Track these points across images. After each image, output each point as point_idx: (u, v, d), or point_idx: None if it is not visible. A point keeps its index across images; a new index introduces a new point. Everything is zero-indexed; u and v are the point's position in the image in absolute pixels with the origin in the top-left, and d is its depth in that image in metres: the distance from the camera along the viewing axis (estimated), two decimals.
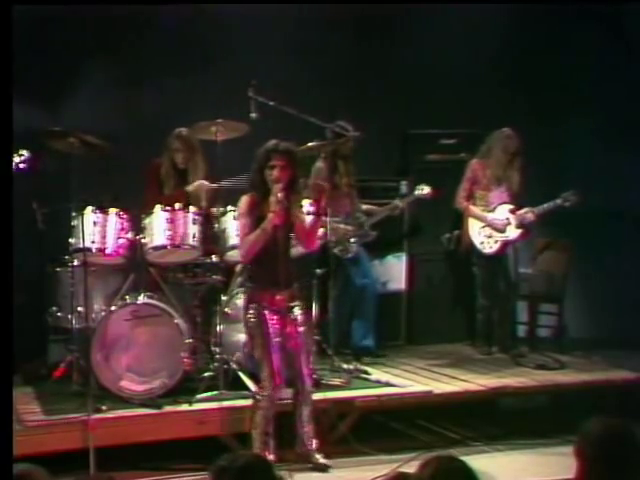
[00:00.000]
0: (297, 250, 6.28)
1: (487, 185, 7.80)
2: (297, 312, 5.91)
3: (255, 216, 5.79)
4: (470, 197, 7.87)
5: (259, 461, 3.33)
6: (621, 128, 8.52)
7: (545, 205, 7.64)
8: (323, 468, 5.96)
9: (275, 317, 5.82)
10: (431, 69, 8.52)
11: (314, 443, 6.00)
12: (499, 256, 7.82)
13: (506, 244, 7.77)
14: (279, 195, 5.70)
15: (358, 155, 7.66)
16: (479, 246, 7.83)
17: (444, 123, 8.60)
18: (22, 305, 6.35)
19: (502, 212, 7.75)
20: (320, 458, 5.99)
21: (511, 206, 7.73)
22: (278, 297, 5.82)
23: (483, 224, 7.79)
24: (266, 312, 5.80)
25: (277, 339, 5.80)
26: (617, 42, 8.60)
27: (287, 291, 5.85)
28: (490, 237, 7.79)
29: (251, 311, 5.84)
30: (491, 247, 7.79)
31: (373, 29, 8.47)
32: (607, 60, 8.65)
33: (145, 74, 7.76)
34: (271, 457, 5.71)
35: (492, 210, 7.77)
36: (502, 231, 7.73)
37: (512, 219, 7.71)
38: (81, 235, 6.28)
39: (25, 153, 6.05)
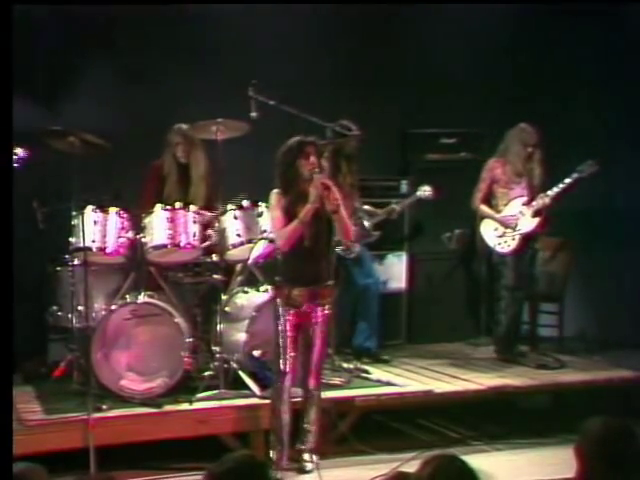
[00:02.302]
0: None
1: (508, 183, 7.58)
2: (319, 311, 5.82)
3: (286, 211, 5.77)
4: (487, 197, 7.65)
5: (252, 461, 3.31)
6: (622, 127, 8.51)
7: (560, 185, 7.41)
8: (301, 470, 5.90)
9: (292, 313, 5.76)
10: (431, 69, 8.53)
11: (311, 443, 5.96)
12: (522, 253, 7.60)
13: (525, 238, 7.54)
14: (322, 181, 5.67)
15: (358, 154, 7.64)
16: (496, 248, 7.62)
17: (444, 123, 8.60)
18: (22, 304, 6.35)
19: (515, 206, 7.56)
20: (307, 460, 5.93)
21: (524, 198, 7.52)
22: (295, 293, 5.74)
23: (496, 225, 7.59)
24: (283, 308, 5.76)
25: (293, 335, 5.76)
26: (618, 41, 8.58)
27: (308, 288, 5.76)
28: (502, 236, 7.57)
29: (275, 306, 5.83)
30: (509, 245, 7.55)
31: (374, 29, 8.46)
32: (608, 59, 8.64)
33: (145, 73, 7.76)
34: (281, 457, 5.73)
35: (506, 204, 7.58)
36: (514, 228, 7.52)
37: (525, 210, 7.51)
38: (81, 234, 6.28)
39: (19, 152, 6.03)
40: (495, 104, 8.47)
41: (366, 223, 7.68)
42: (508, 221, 7.56)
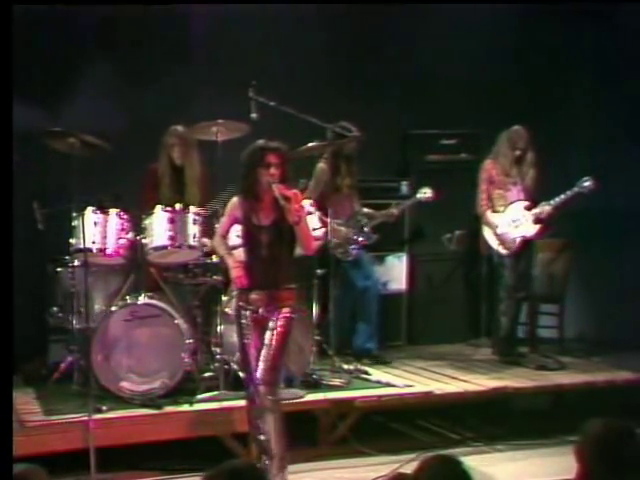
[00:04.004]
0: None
1: (503, 184, 7.61)
2: (277, 314, 5.54)
3: (236, 218, 5.66)
4: (489, 199, 7.67)
5: (248, 468, 3.30)
6: (622, 127, 8.51)
7: (562, 196, 7.47)
8: None
9: (249, 317, 5.58)
10: (431, 69, 8.52)
11: (271, 455, 5.47)
12: (522, 255, 7.64)
13: (526, 241, 7.58)
14: (278, 192, 5.45)
15: (358, 155, 7.65)
16: (497, 249, 7.64)
17: (444, 123, 8.60)
18: (22, 305, 6.34)
19: (516, 210, 7.58)
20: (274, 474, 5.44)
21: (526, 203, 7.57)
22: (253, 297, 5.57)
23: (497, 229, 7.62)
24: (242, 312, 5.61)
25: (249, 340, 5.60)
26: (617, 42, 8.58)
27: (266, 292, 5.55)
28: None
29: (237, 309, 5.69)
30: (510, 247, 7.59)
31: (374, 29, 8.46)
32: (608, 60, 8.64)
33: (145, 74, 7.76)
34: (269, 466, 5.46)
35: (504, 205, 7.60)
36: (509, 247, 7.56)
37: (527, 215, 7.54)
38: (82, 235, 6.28)
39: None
40: (495, 105, 8.46)
41: (365, 227, 7.67)
42: (506, 240, 7.58)
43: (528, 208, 7.57)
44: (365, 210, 7.81)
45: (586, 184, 7.43)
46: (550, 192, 7.58)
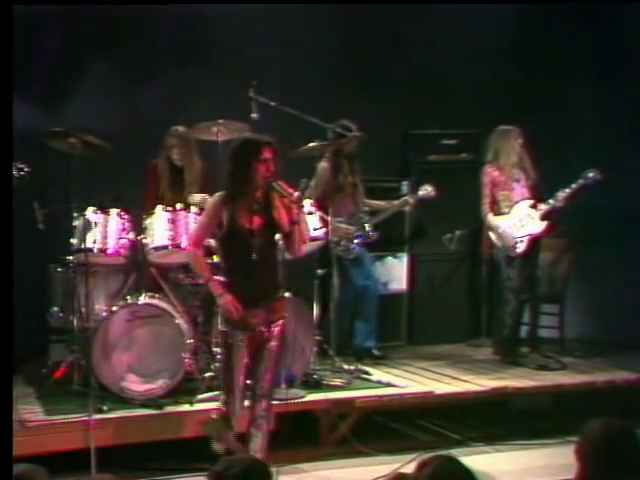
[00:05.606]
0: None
1: (507, 184, 7.60)
2: (272, 327, 5.29)
3: (220, 221, 5.21)
4: (494, 203, 7.65)
5: (257, 466, 3.29)
6: (623, 127, 8.51)
7: (567, 189, 7.46)
8: None
9: (242, 336, 5.26)
10: (432, 69, 8.53)
11: None
12: (529, 255, 7.62)
13: (533, 240, 7.58)
14: (283, 189, 5.17)
15: (359, 155, 7.65)
16: (505, 250, 7.64)
17: (445, 123, 8.60)
18: (23, 305, 6.34)
19: (522, 209, 7.57)
20: None
21: (531, 201, 7.57)
22: (249, 316, 5.24)
23: (505, 226, 7.59)
24: (235, 333, 5.27)
25: (244, 360, 5.28)
26: (618, 43, 8.58)
27: (262, 307, 5.26)
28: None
29: (221, 326, 5.39)
30: (518, 247, 7.57)
31: (375, 29, 8.47)
32: (609, 60, 8.64)
33: (145, 74, 7.76)
34: None
35: (509, 206, 7.58)
36: (512, 248, 7.53)
37: (533, 213, 7.53)
38: (82, 235, 6.27)
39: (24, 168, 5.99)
40: (495, 105, 8.46)
41: (366, 225, 7.67)
42: (508, 241, 7.56)
43: (533, 206, 7.57)
44: (376, 202, 7.80)
45: (590, 175, 7.44)
46: (552, 192, 7.57)
